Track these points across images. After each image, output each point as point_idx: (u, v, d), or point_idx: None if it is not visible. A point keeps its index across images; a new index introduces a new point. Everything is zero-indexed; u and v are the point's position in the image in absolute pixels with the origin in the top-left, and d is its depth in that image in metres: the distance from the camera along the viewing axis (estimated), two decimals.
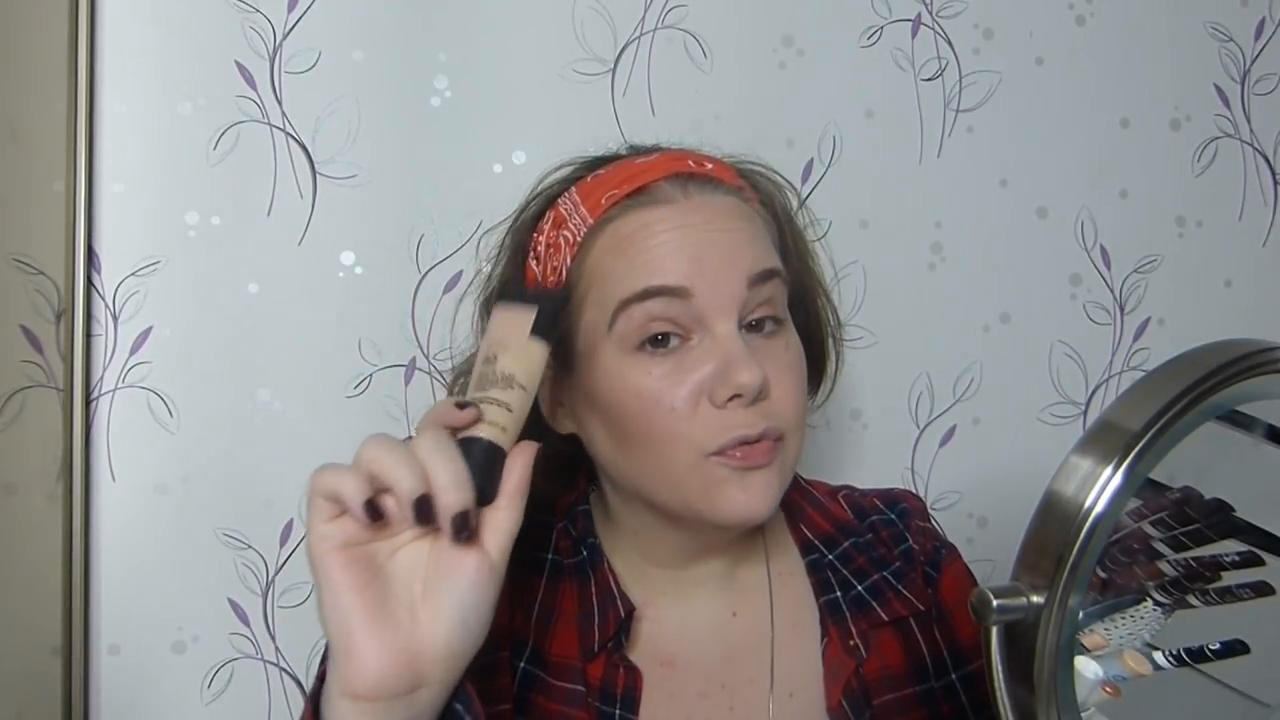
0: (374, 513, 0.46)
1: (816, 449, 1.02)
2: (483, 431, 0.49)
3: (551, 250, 0.64)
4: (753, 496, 0.58)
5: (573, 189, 0.65)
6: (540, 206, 0.67)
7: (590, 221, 0.62)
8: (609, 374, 0.60)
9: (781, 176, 0.71)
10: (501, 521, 0.49)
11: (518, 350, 0.51)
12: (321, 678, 0.49)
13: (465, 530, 0.46)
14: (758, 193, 0.67)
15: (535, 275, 0.65)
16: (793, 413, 0.60)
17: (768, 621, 0.67)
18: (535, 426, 0.68)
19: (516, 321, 0.52)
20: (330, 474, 0.46)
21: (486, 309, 0.69)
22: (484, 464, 0.48)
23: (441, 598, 0.48)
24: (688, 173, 0.63)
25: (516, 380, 0.51)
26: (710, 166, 0.64)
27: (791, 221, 0.70)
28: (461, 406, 0.50)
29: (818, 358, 0.73)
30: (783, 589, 0.68)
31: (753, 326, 0.60)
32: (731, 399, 0.57)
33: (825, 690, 0.65)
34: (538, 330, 0.51)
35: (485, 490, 0.48)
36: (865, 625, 0.66)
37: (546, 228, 0.65)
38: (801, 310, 0.69)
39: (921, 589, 0.69)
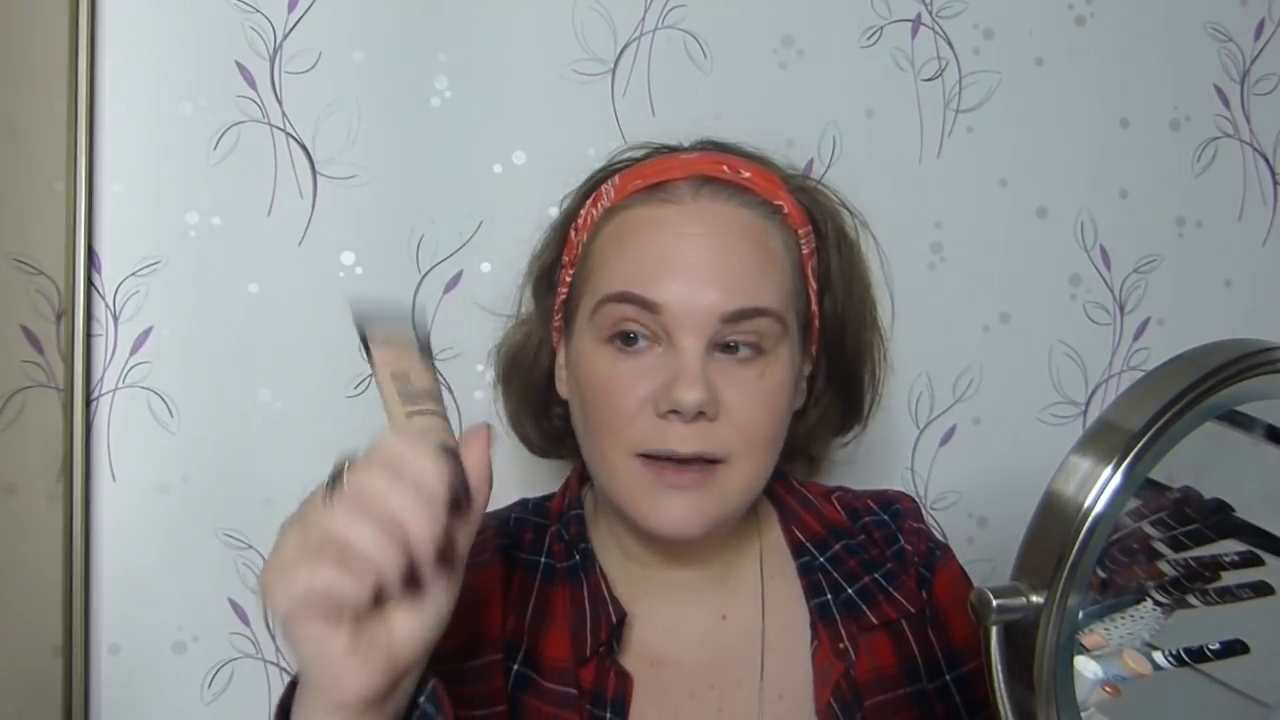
0: (377, 597, 0.43)
1: None
2: (445, 440, 0.48)
3: (583, 225, 0.67)
4: (672, 515, 0.59)
5: (623, 172, 0.67)
6: (597, 180, 0.69)
7: (608, 205, 0.64)
8: (583, 356, 0.63)
9: (841, 199, 0.71)
10: (469, 520, 0.48)
11: (419, 369, 0.50)
12: (292, 686, 0.48)
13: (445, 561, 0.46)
14: (805, 213, 0.66)
15: (574, 244, 0.67)
16: (744, 440, 0.60)
17: (758, 624, 0.67)
18: (545, 392, 0.72)
19: (402, 342, 0.51)
20: (312, 574, 0.42)
21: (534, 268, 0.73)
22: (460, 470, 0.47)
23: (414, 600, 0.46)
24: (709, 175, 0.63)
25: (434, 394, 0.50)
26: (747, 175, 0.64)
27: (841, 250, 0.69)
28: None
29: (852, 395, 0.72)
30: (774, 591, 0.68)
31: (726, 348, 0.60)
32: (670, 413, 0.58)
33: (814, 692, 0.65)
34: (424, 346, 0.51)
35: (463, 496, 0.47)
36: (855, 629, 0.66)
37: (588, 203, 0.68)
38: (840, 343, 0.69)
39: (914, 591, 0.69)
